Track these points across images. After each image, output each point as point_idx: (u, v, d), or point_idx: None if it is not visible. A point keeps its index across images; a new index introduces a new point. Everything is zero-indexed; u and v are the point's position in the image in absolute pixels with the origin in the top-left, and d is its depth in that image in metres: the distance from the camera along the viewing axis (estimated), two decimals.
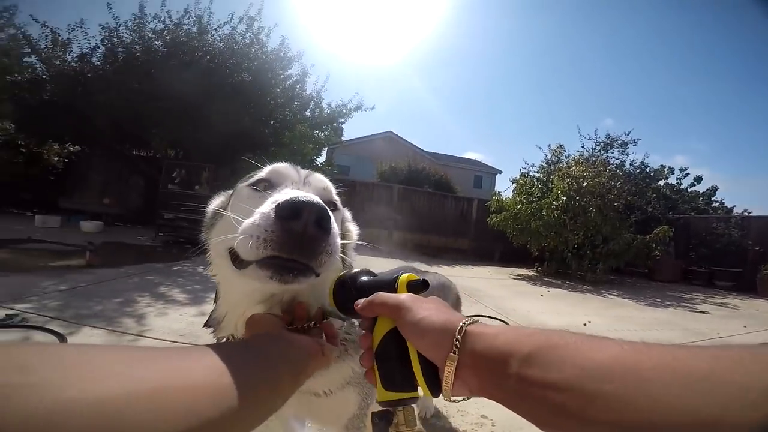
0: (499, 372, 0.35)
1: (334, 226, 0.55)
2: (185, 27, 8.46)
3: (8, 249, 4.76)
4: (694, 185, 13.54)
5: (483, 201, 11.66)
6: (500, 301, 5.17)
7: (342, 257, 0.70)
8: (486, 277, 7.65)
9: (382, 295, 0.48)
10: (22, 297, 2.99)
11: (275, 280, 0.52)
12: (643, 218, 10.23)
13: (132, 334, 2.59)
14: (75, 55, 8.74)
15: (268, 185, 0.72)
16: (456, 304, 1.76)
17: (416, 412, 0.45)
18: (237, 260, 0.59)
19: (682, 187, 13.33)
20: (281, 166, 0.76)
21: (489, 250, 11.51)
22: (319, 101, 10.15)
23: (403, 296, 0.47)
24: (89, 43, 8.77)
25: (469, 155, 34.80)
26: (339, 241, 0.57)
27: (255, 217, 0.53)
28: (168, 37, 8.31)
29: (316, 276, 0.55)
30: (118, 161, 9.88)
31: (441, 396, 0.41)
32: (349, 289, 0.55)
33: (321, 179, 0.76)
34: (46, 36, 8.62)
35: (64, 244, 5.17)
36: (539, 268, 9.51)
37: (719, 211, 12.71)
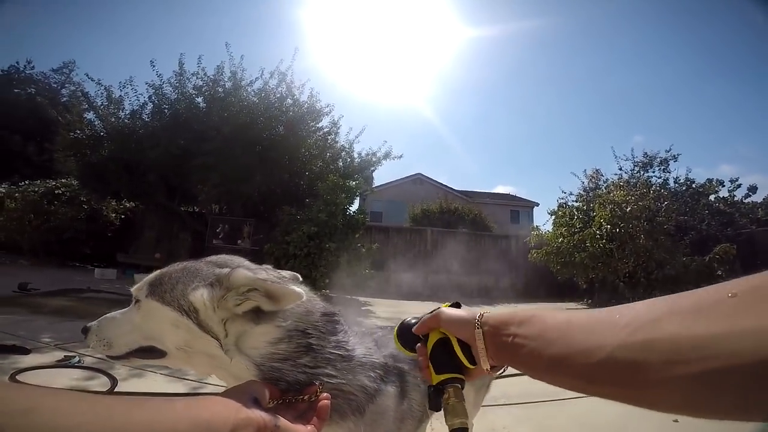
0: (503, 336, 0.52)
1: (91, 329, 0.87)
2: (221, 83, 8.98)
3: (70, 297, 5.32)
4: (750, 195, 12.28)
5: (522, 237, 11.34)
6: None
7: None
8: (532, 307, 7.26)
9: (427, 317, 0.68)
10: (82, 341, 3.20)
11: None
12: (698, 238, 9.49)
13: (191, 380, 2.63)
14: (127, 112, 9.28)
15: None
16: None
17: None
18: None
19: (736, 199, 12.24)
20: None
21: (534, 287, 10.99)
22: (351, 151, 10.58)
23: (440, 308, 0.67)
24: (138, 100, 9.33)
25: (500, 189, 34.32)
26: (104, 333, 0.86)
27: None
28: (207, 93, 8.84)
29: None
30: (169, 217, 10.50)
31: (478, 366, 0.57)
32: (406, 330, 0.73)
33: (135, 287, 0.86)
34: (101, 93, 9.16)
35: (118, 294, 5.59)
36: (589, 301, 8.93)
37: None
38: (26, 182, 9.48)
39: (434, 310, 0.68)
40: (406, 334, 0.73)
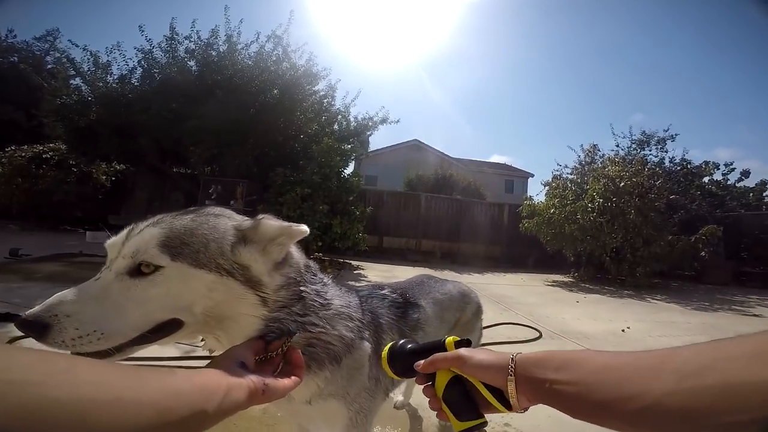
0: (540, 380, 0.50)
1: (57, 321, 0.61)
2: (215, 46, 8.78)
3: (62, 262, 5.30)
4: (742, 180, 12.58)
5: (515, 206, 11.40)
6: (533, 308, 5.03)
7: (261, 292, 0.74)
8: (518, 284, 7.46)
9: (441, 355, 0.62)
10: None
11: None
12: (687, 218, 9.65)
13: (183, 343, 2.65)
14: (116, 77, 9.12)
15: None
16: (477, 313, 1.70)
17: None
18: None
19: (729, 182, 12.43)
20: (108, 243, 0.74)
21: (522, 257, 11.20)
22: (347, 115, 10.40)
23: (460, 350, 0.61)
24: (127, 65, 9.15)
25: (495, 159, 34.13)
26: (81, 325, 0.62)
27: None
28: (200, 57, 8.66)
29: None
30: (160, 178, 10.45)
31: (513, 408, 0.55)
32: (402, 357, 0.68)
33: (129, 249, 0.69)
34: (88, 59, 8.98)
35: None
36: (575, 274, 9.16)
37: None
38: (13, 147, 9.27)
39: (443, 344, 0.64)
40: (400, 360, 0.68)
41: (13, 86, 14.17)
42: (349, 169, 10.67)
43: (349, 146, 9.45)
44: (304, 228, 0.76)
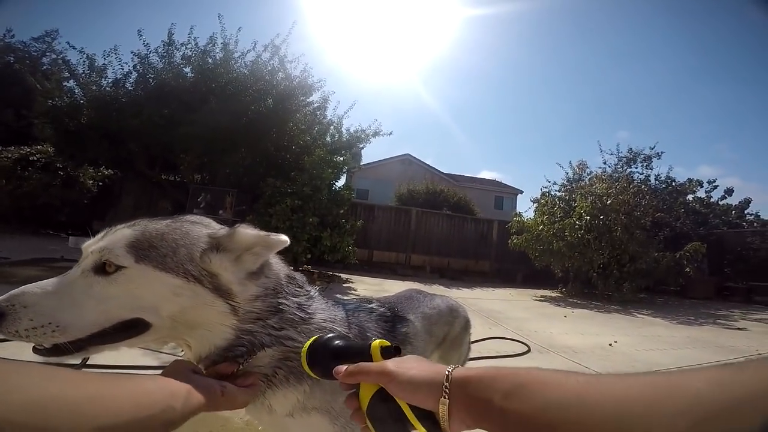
0: (485, 407, 0.40)
1: (13, 310, 0.62)
2: (211, 54, 8.77)
3: (42, 267, 5.20)
4: (725, 198, 12.93)
5: (504, 222, 11.52)
6: (522, 323, 5.02)
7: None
8: (507, 299, 7.47)
9: (364, 365, 0.53)
10: None
11: None
12: (672, 235, 9.87)
13: (165, 352, 2.57)
14: (110, 81, 9.03)
15: None
16: (465, 327, 1.70)
17: None
18: None
19: (712, 200, 12.77)
20: (85, 245, 0.75)
21: (511, 272, 11.26)
22: (339, 126, 10.44)
23: (387, 363, 0.52)
24: (123, 69, 9.08)
25: (485, 174, 34.59)
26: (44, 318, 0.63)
27: None
28: (195, 64, 8.64)
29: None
30: (148, 185, 10.30)
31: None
32: (322, 356, 0.60)
33: (97, 247, 0.70)
34: (84, 62, 8.89)
35: None
36: (563, 289, 9.22)
37: (755, 224, 12.10)
38: None
39: (368, 349, 0.55)
40: (320, 359, 0.60)
41: (7, 86, 14.01)
42: (341, 182, 10.70)
43: (342, 158, 9.49)
44: (283, 238, 0.75)
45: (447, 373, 0.45)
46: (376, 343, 0.56)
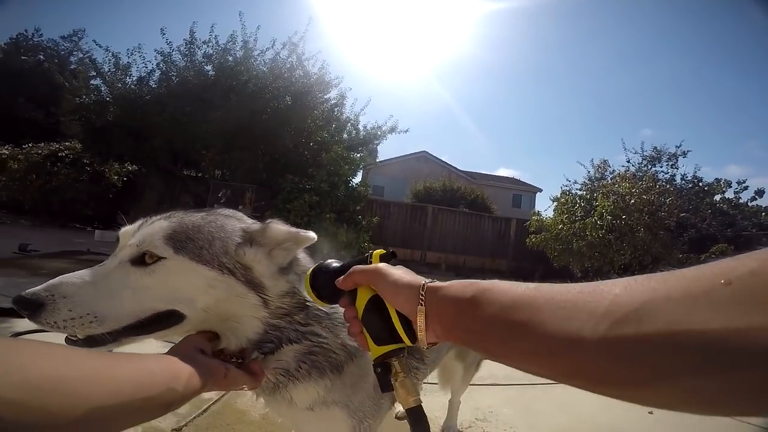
0: (452, 314, 0.45)
1: (53, 300, 0.62)
2: (232, 52, 8.94)
3: (69, 259, 5.40)
4: (756, 199, 12.35)
5: (522, 221, 11.36)
6: None
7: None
8: None
9: (360, 267, 0.57)
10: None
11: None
12: (697, 236, 9.55)
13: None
14: (134, 79, 9.32)
15: None
16: None
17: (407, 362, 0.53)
18: None
19: (741, 201, 12.25)
20: (121, 231, 0.77)
21: (528, 271, 11.10)
22: (356, 123, 10.50)
23: (379, 264, 0.56)
24: (146, 67, 9.35)
25: (502, 172, 34.07)
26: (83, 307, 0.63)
27: None
28: (216, 62, 8.82)
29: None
30: (171, 181, 10.56)
31: (419, 343, 0.50)
32: (325, 275, 0.61)
33: (137, 239, 0.71)
34: (109, 60, 9.19)
35: None
36: None
37: None
38: (30, 144, 9.49)
39: (369, 258, 0.59)
40: (323, 281, 0.61)
41: (36, 84, 14.56)
42: (357, 179, 10.75)
43: (358, 155, 9.54)
44: (312, 235, 0.76)
45: (423, 282, 0.50)
46: (377, 252, 0.59)
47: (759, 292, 0.26)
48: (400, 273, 0.53)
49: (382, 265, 0.55)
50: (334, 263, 0.63)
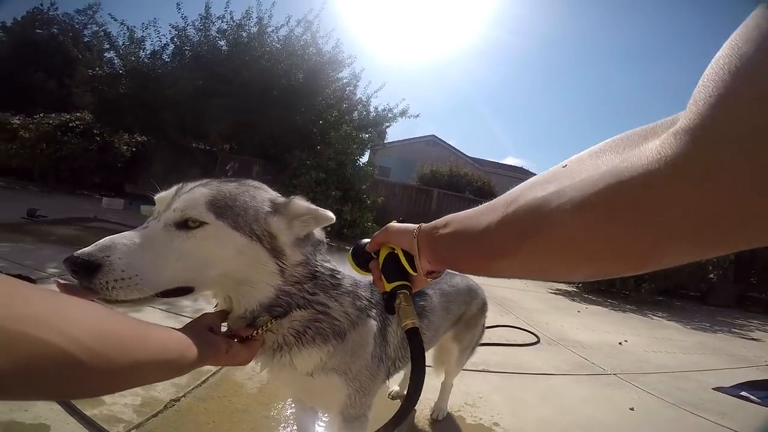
0: (434, 240, 0.60)
1: (109, 261, 0.62)
2: (246, 28, 8.89)
3: (76, 226, 5.46)
4: None
5: None
6: (533, 314, 5.09)
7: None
8: (521, 289, 7.50)
9: (379, 233, 0.73)
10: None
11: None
12: None
13: (186, 316, 2.64)
14: (148, 52, 9.31)
15: None
16: (482, 309, 1.78)
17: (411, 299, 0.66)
18: None
19: None
20: (158, 196, 0.80)
21: None
22: (367, 104, 10.44)
23: (390, 223, 0.72)
24: (160, 41, 9.33)
25: (510, 161, 33.84)
26: (131, 269, 0.63)
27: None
28: (230, 37, 8.77)
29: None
30: (179, 152, 10.57)
31: (419, 272, 0.64)
32: (359, 248, 0.77)
33: (180, 204, 0.73)
34: (124, 34, 9.17)
35: (124, 225, 5.65)
36: (580, 284, 9.16)
37: None
38: (41, 114, 9.53)
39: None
40: (360, 255, 0.77)
41: (50, 56, 14.57)
42: (364, 158, 10.75)
43: (367, 135, 9.53)
44: (330, 215, 0.82)
45: (419, 226, 0.65)
46: (393, 222, 0.75)
47: (585, 160, 0.43)
48: (404, 224, 0.69)
49: (391, 223, 0.71)
50: (365, 240, 0.77)
